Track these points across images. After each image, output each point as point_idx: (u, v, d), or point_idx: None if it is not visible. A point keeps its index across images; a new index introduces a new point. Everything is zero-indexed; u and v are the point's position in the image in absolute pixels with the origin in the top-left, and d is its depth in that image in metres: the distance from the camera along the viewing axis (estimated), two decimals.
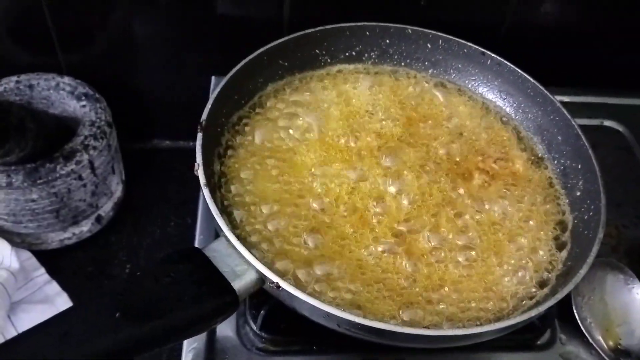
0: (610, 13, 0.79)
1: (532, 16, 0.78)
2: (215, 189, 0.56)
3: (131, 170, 0.88)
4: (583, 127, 0.62)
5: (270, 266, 0.47)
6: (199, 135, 0.55)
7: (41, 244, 0.79)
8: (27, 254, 0.78)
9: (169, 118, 0.92)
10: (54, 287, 0.77)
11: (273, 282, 0.45)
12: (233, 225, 0.54)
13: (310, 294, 0.45)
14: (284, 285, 0.45)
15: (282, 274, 0.49)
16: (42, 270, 0.78)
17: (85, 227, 0.80)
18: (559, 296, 0.48)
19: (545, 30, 0.80)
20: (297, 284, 0.50)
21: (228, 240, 0.47)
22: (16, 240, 0.77)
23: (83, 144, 0.74)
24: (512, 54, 0.68)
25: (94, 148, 0.74)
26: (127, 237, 0.84)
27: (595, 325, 0.59)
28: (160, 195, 0.89)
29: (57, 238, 0.79)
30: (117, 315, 0.39)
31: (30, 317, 0.74)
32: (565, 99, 0.79)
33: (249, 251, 0.46)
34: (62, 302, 0.76)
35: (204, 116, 0.56)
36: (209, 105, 0.57)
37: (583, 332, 0.59)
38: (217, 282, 0.45)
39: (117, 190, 0.83)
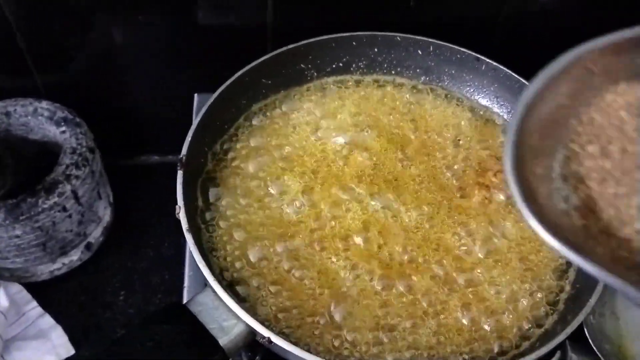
0: (610, 12, 0.75)
1: (528, 14, 0.74)
2: (199, 229, 0.53)
3: (120, 190, 0.85)
4: None
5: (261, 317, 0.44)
6: (180, 174, 0.52)
7: (31, 277, 0.76)
8: (17, 287, 0.76)
9: (155, 133, 0.89)
10: (48, 320, 0.75)
11: (264, 337, 0.43)
12: (222, 268, 0.51)
13: (303, 347, 0.43)
14: (276, 340, 0.42)
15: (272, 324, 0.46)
16: (34, 303, 0.76)
17: (75, 256, 0.77)
18: (569, 330, 0.45)
19: (542, 30, 0.76)
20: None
21: (215, 291, 0.45)
22: (5, 274, 0.75)
23: (65, 174, 0.71)
24: (507, 55, 0.64)
25: (77, 177, 0.71)
26: (120, 262, 0.81)
27: (607, 342, 0.57)
28: (151, 213, 0.86)
29: (46, 270, 0.76)
30: None
31: (26, 355, 0.72)
32: None
33: (238, 303, 0.44)
34: (57, 335, 0.74)
35: (184, 151, 0.53)
36: (188, 139, 0.54)
37: (595, 351, 0.56)
38: (204, 341, 0.42)
39: (106, 214, 0.81)
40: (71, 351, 0.73)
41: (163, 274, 0.80)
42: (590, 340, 0.56)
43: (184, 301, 0.52)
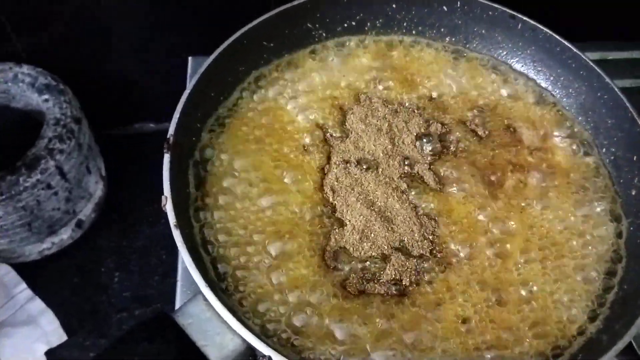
0: None
1: None
2: (190, 220, 0.46)
3: (113, 162, 0.79)
4: (629, 90, 0.51)
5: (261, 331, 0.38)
6: (166, 158, 0.45)
7: (18, 257, 0.71)
8: (6, 268, 0.71)
9: (149, 98, 0.82)
10: (38, 304, 0.70)
11: (265, 356, 0.37)
12: (215, 265, 0.45)
13: None
14: (277, 359, 0.36)
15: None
16: (23, 285, 0.71)
17: (65, 235, 0.72)
18: (620, 345, 0.39)
19: None
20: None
21: (206, 300, 0.38)
22: None
23: (47, 149, 0.64)
24: (547, 13, 0.56)
25: (61, 151, 0.65)
26: (114, 241, 0.76)
27: None
28: (147, 186, 0.79)
29: (35, 250, 0.71)
30: None
31: (14, 343, 0.67)
32: (609, 55, 0.66)
33: (235, 313, 0.37)
34: (47, 321, 0.69)
35: (172, 130, 0.46)
36: (176, 115, 0.47)
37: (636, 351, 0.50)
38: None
39: (97, 189, 0.74)
40: (63, 338, 0.68)
41: (160, 254, 0.75)
42: (634, 344, 0.50)
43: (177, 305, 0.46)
